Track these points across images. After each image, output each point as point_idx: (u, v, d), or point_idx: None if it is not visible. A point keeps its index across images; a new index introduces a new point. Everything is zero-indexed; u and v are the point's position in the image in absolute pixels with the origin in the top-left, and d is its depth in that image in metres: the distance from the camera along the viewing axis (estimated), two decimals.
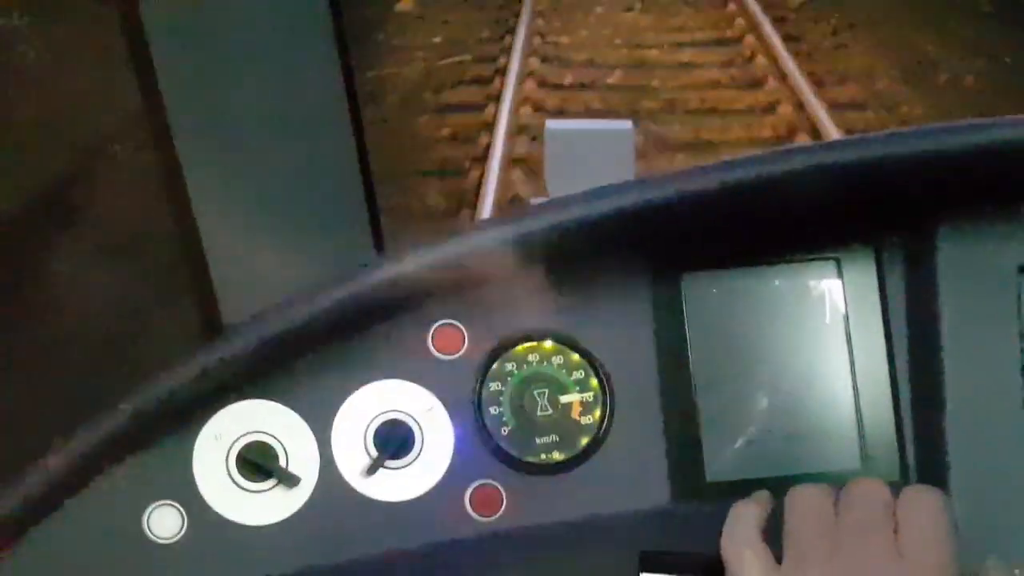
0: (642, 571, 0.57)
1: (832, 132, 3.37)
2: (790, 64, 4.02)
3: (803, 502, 0.55)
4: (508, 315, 0.68)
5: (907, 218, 0.67)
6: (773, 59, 4.13)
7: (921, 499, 0.54)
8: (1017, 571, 0.62)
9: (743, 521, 0.56)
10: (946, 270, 0.64)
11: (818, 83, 3.92)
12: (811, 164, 0.60)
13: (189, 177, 0.65)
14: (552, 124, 0.73)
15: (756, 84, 4.02)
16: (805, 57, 4.20)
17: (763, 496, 0.59)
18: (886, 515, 0.53)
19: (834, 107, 3.68)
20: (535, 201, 0.71)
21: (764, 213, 0.64)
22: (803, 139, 3.44)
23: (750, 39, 4.43)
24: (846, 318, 0.67)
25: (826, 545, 0.53)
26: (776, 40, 4.28)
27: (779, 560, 0.54)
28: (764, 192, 0.61)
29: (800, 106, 3.69)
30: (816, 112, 3.57)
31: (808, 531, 0.54)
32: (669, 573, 0.58)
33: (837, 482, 0.61)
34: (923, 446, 0.66)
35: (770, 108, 3.78)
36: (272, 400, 0.66)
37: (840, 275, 0.67)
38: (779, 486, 0.61)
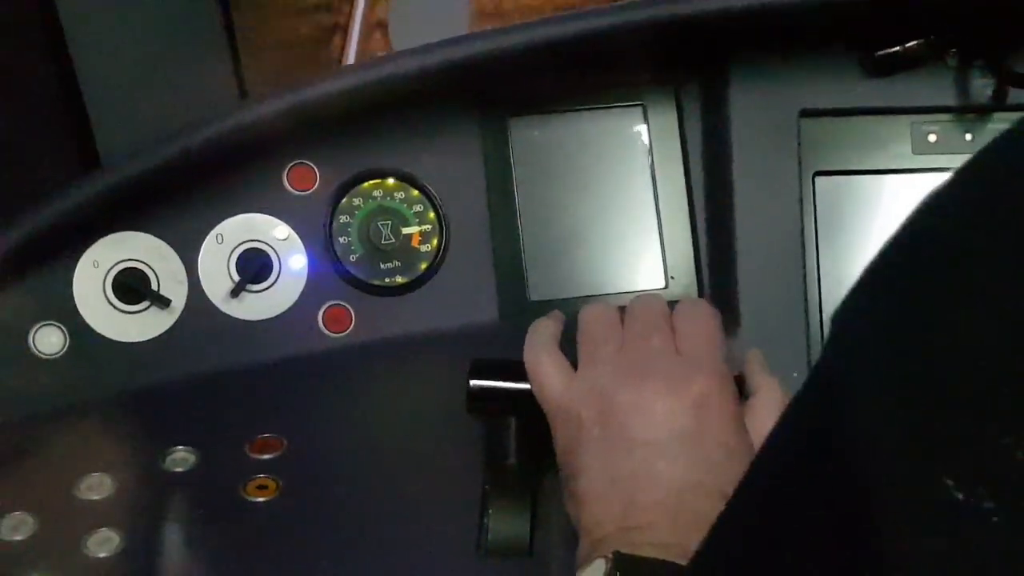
0: (471, 377, 0.62)
1: None
2: None
3: (593, 314, 0.60)
4: (356, 155, 0.74)
5: (703, 66, 0.73)
6: None
7: (694, 308, 0.60)
8: (795, 374, 0.69)
9: (539, 333, 0.61)
10: (736, 112, 0.71)
11: None
12: (613, 22, 0.67)
13: (66, 25, 0.69)
14: None
15: None
16: None
17: (557, 313, 0.64)
18: (664, 321, 0.58)
19: None
20: (380, 55, 0.78)
21: (579, 63, 0.71)
22: None
23: None
24: (651, 156, 0.74)
25: (613, 346, 0.57)
26: None
27: (576, 367, 0.59)
28: (576, 45, 0.67)
29: None
30: None
31: (598, 336, 0.58)
32: (494, 378, 0.62)
33: None
34: (717, 268, 0.74)
35: None
36: (145, 232, 0.72)
37: (646, 119, 0.74)
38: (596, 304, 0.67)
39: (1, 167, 0.70)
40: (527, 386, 0.59)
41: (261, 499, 0.63)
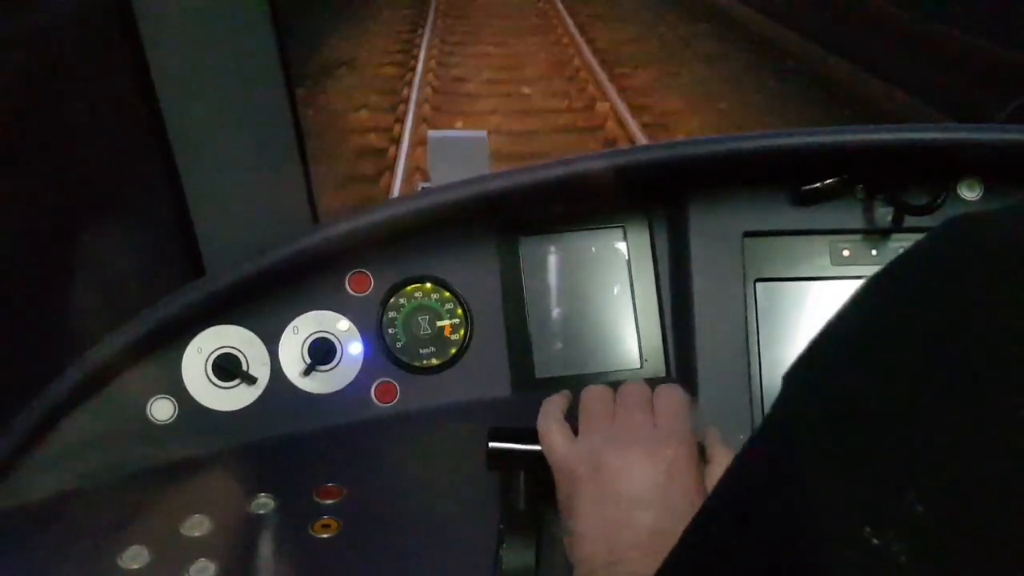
0: (489, 440, 0.65)
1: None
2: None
3: (593, 393, 0.65)
4: (402, 265, 0.81)
5: (668, 197, 0.82)
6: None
7: (669, 391, 0.64)
8: (741, 436, 0.74)
9: (550, 407, 0.65)
10: (694, 232, 0.79)
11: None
12: (600, 166, 0.77)
13: (181, 168, 0.79)
14: (432, 133, 0.91)
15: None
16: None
17: (565, 392, 0.68)
18: (647, 402, 0.63)
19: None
20: (421, 185, 0.87)
21: (575, 196, 0.81)
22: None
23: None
24: (629, 267, 0.83)
25: (606, 418, 0.62)
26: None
27: (577, 433, 0.63)
28: (573, 183, 0.78)
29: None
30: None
31: (595, 411, 0.63)
32: (508, 441, 0.66)
33: (626, 378, 0.76)
34: (680, 353, 0.82)
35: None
36: (238, 325, 0.80)
37: (625, 238, 0.83)
38: (585, 381, 0.75)
39: (132, 276, 0.80)
40: (533, 448, 0.63)
41: (325, 536, 0.68)
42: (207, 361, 0.79)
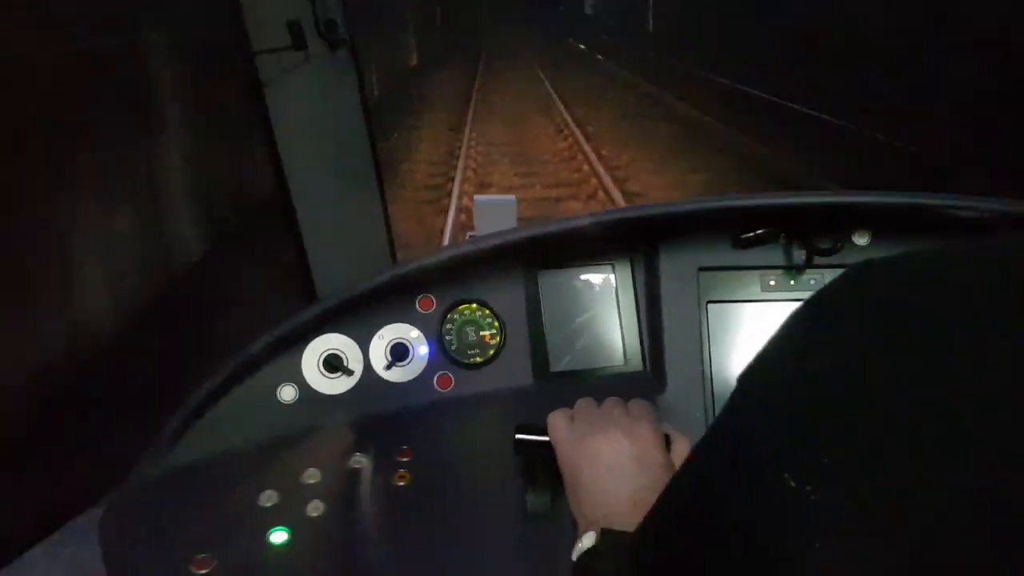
0: (516, 433, 0.75)
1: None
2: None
3: (584, 400, 0.76)
4: (456, 291, 0.99)
5: (645, 243, 0.99)
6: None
7: (638, 401, 0.75)
8: (698, 414, 0.92)
9: (556, 412, 0.75)
10: (663, 268, 0.96)
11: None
12: (596, 222, 0.95)
13: (299, 209, 0.99)
14: (478, 198, 1.10)
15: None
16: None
17: (566, 409, 0.75)
18: (623, 404, 0.73)
19: None
20: (469, 235, 1.06)
21: (579, 242, 0.99)
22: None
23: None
24: (616, 295, 1.00)
25: (594, 414, 0.72)
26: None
27: None
28: (578, 234, 0.95)
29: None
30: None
31: (584, 408, 0.74)
32: (528, 434, 0.75)
33: (613, 372, 0.95)
34: (653, 356, 0.99)
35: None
36: (340, 333, 0.97)
37: (614, 272, 1.00)
38: (586, 373, 0.95)
39: (264, 299, 1.02)
40: (547, 439, 0.73)
41: (401, 484, 0.82)
42: (319, 358, 0.96)
